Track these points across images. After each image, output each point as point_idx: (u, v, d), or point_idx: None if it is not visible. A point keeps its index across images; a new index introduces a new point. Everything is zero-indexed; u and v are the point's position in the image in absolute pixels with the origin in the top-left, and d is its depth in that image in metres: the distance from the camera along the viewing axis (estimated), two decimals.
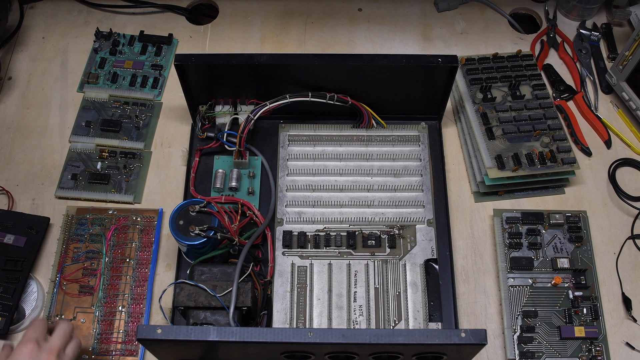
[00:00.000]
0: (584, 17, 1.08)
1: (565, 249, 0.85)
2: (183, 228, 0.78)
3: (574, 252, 0.85)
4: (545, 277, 0.83)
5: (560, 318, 0.81)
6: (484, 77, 0.96)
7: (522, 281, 0.83)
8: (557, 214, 0.87)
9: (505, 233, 0.85)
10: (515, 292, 0.82)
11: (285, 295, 0.82)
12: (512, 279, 0.83)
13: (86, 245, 0.86)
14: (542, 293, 0.82)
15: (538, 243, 0.85)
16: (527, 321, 0.80)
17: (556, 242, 0.85)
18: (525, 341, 0.79)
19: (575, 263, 0.84)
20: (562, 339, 0.79)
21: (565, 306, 0.81)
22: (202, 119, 0.92)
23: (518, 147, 0.89)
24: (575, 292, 0.82)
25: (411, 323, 0.81)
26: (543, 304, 0.82)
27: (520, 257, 0.84)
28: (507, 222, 0.86)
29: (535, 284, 0.83)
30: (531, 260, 0.84)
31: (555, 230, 0.86)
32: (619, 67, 0.96)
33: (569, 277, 0.83)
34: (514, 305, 0.81)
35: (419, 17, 1.09)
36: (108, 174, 0.92)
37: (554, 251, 0.85)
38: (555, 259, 0.84)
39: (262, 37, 1.07)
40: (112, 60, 1.03)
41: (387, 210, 0.88)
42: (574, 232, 0.86)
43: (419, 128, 0.94)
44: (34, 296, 0.82)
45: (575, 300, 0.82)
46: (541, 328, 0.80)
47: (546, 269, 0.84)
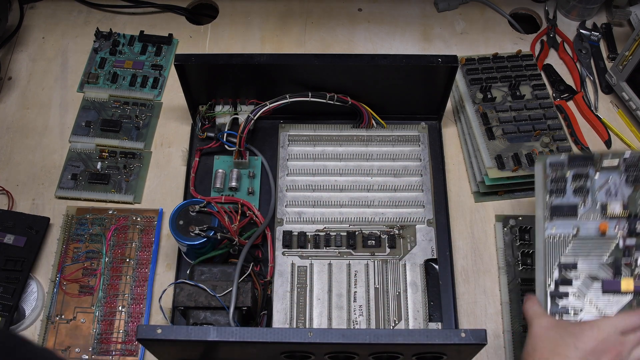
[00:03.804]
0: (584, 17, 1.08)
1: (620, 193, 0.74)
2: (183, 228, 0.78)
3: (631, 197, 0.73)
4: (591, 225, 0.73)
5: (605, 271, 0.72)
6: (484, 77, 0.96)
7: (563, 230, 0.73)
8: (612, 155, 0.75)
9: (547, 180, 0.75)
10: (553, 243, 0.73)
11: (285, 295, 0.82)
12: (551, 227, 0.73)
13: (86, 245, 0.86)
14: (586, 243, 0.73)
15: (586, 188, 0.75)
16: (564, 275, 0.72)
17: (610, 186, 0.74)
18: (559, 296, 0.71)
19: (631, 207, 0.73)
20: (604, 292, 0.71)
21: (614, 257, 0.72)
22: (202, 119, 0.92)
23: (518, 147, 0.89)
24: (627, 240, 0.72)
25: (411, 323, 0.81)
26: (586, 255, 0.72)
27: (562, 205, 0.74)
28: (550, 167, 0.76)
29: (578, 233, 0.73)
30: (575, 207, 0.74)
31: (609, 173, 0.74)
32: (619, 67, 0.96)
33: (622, 224, 0.73)
34: (551, 257, 0.72)
35: (419, 17, 1.09)
36: (108, 174, 0.92)
37: (606, 195, 0.74)
38: (606, 204, 0.73)
39: (262, 37, 1.07)
40: (112, 60, 1.03)
41: (387, 210, 0.88)
42: (633, 172, 0.74)
43: (419, 128, 0.94)
44: (34, 296, 0.82)
45: (626, 250, 0.71)
46: (581, 281, 0.72)
47: (594, 215, 0.74)
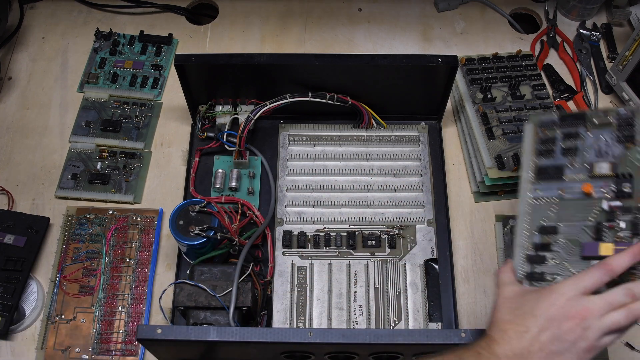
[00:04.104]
0: (584, 17, 1.08)
1: (610, 152, 0.68)
2: (183, 228, 0.78)
3: (621, 156, 0.68)
4: (578, 186, 0.68)
5: (587, 235, 0.66)
6: (484, 77, 0.96)
7: (547, 193, 0.69)
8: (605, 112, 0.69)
9: (537, 140, 0.71)
10: (536, 205, 0.69)
11: (285, 295, 0.82)
12: (536, 190, 0.69)
13: (86, 245, 0.86)
14: (570, 206, 0.68)
15: (575, 148, 0.70)
16: (544, 239, 0.67)
17: (600, 144, 0.69)
18: (538, 261, 0.66)
19: (621, 167, 0.67)
20: (583, 258, 0.65)
21: (597, 220, 0.66)
22: (202, 119, 0.92)
23: (518, 147, 0.89)
24: (612, 201, 0.66)
25: (411, 323, 0.81)
26: (569, 219, 0.67)
27: (549, 166, 0.70)
28: (541, 126, 0.71)
29: (563, 195, 0.68)
30: (562, 169, 0.69)
31: (600, 131, 0.69)
32: (619, 67, 0.96)
33: (608, 185, 0.67)
34: (532, 220, 0.68)
35: (419, 17, 1.09)
36: (108, 174, 0.92)
37: (595, 155, 0.69)
38: (594, 164, 0.68)
39: (262, 37, 1.07)
40: (112, 60, 1.03)
41: (387, 210, 0.88)
42: (625, 130, 0.68)
43: (419, 128, 0.94)
44: (34, 296, 0.82)
45: (611, 213, 0.65)
46: (561, 246, 0.67)
47: (581, 176, 0.68)
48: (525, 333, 0.58)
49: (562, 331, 0.57)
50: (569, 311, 0.58)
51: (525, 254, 0.67)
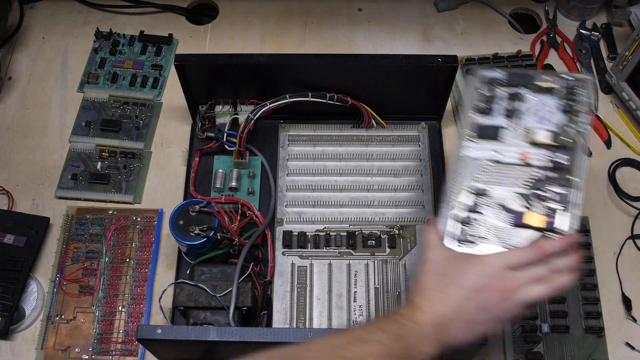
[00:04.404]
0: (584, 17, 1.08)
1: (551, 120, 0.67)
2: (183, 228, 0.78)
3: (562, 125, 0.67)
4: (513, 150, 0.66)
5: (517, 202, 0.65)
6: None
7: (482, 153, 0.66)
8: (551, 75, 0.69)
9: (477, 96, 0.68)
10: (469, 165, 0.66)
11: (285, 295, 0.82)
12: (471, 148, 0.66)
13: (86, 245, 0.86)
14: (504, 169, 0.66)
15: (516, 110, 0.68)
16: (474, 200, 0.65)
17: (541, 110, 0.68)
18: (465, 222, 0.64)
19: (560, 137, 0.66)
20: (510, 224, 0.64)
21: (529, 188, 0.65)
22: (202, 119, 0.92)
23: None
24: (547, 172, 0.65)
25: None
26: (501, 183, 0.65)
27: (487, 126, 0.67)
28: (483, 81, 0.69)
29: (498, 158, 0.66)
30: (498, 130, 0.67)
31: (544, 96, 0.68)
32: (619, 67, 0.96)
33: (545, 154, 0.66)
34: (463, 180, 0.66)
35: (419, 17, 1.09)
36: (108, 174, 0.92)
37: (535, 121, 0.67)
38: (533, 130, 0.67)
39: (262, 37, 1.07)
40: (112, 60, 1.03)
41: (387, 210, 0.88)
42: (570, 98, 0.67)
43: (419, 128, 0.94)
44: (34, 296, 0.82)
45: (543, 182, 0.64)
46: (490, 209, 0.65)
47: (519, 141, 0.67)
48: (450, 301, 0.59)
49: (485, 302, 0.59)
50: (494, 283, 0.59)
51: (454, 213, 0.65)
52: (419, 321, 0.58)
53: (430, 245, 0.64)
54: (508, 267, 0.60)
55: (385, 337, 0.56)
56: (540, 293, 0.60)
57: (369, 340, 0.56)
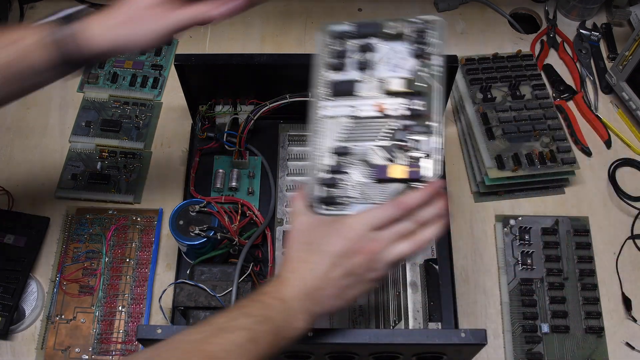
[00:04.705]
0: (584, 17, 1.08)
1: (404, 66, 0.64)
2: (183, 228, 0.78)
3: (414, 71, 0.64)
4: (370, 103, 0.64)
5: (379, 156, 0.62)
6: (484, 77, 0.96)
7: (339, 111, 0.64)
8: (403, 20, 0.67)
9: (328, 52, 0.65)
10: (329, 125, 0.64)
11: None
12: (327, 107, 0.64)
13: (86, 245, 0.86)
14: (363, 124, 0.63)
15: (368, 61, 0.65)
16: (338, 160, 0.63)
17: (393, 58, 0.65)
18: (331, 184, 0.62)
19: (414, 83, 0.63)
20: (375, 180, 0.62)
21: (389, 140, 0.62)
22: (202, 119, 0.92)
23: (518, 147, 0.89)
24: (404, 120, 0.62)
25: (411, 323, 0.81)
26: (362, 139, 0.63)
27: (341, 81, 0.65)
28: (332, 36, 0.66)
29: (356, 113, 0.64)
30: (353, 84, 0.64)
31: (394, 43, 0.66)
32: (619, 67, 0.96)
33: (400, 103, 0.63)
34: (325, 141, 0.63)
35: None
36: (108, 174, 0.92)
37: (388, 70, 0.65)
38: (387, 80, 0.64)
39: (262, 37, 1.07)
40: (112, 60, 1.03)
41: None
42: (420, 42, 0.65)
43: None
44: (34, 296, 0.82)
45: (401, 132, 0.62)
46: (354, 167, 0.62)
47: (374, 93, 0.64)
48: (316, 270, 0.57)
49: (352, 266, 0.58)
50: (359, 246, 0.58)
51: (318, 177, 0.63)
52: (287, 297, 0.56)
53: (296, 214, 0.62)
54: (372, 227, 0.58)
55: (250, 321, 0.54)
56: (406, 250, 0.59)
57: (232, 329, 0.53)
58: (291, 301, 0.56)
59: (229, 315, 0.55)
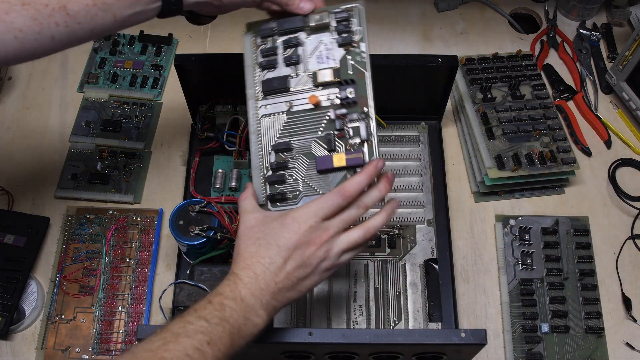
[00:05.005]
0: (584, 17, 1.08)
1: (332, 57, 0.67)
2: (183, 228, 0.78)
3: (341, 60, 0.67)
4: (304, 97, 0.66)
5: (320, 147, 0.65)
6: (484, 77, 0.96)
7: (276, 108, 0.66)
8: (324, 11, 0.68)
9: (258, 52, 0.69)
10: (267, 123, 0.66)
11: None
12: (264, 107, 0.67)
13: (86, 245, 0.86)
14: (300, 118, 0.66)
15: (297, 56, 0.68)
16: (280, 156, 0.65)
17: (321, 50, 0.67)
18: (277, 181, 0.65)
19: (342, 72, 0.66)
20: (319, 172, 0.64)
21: (328, 130, 0.65)
22: (202, 119, 0.92)
23: (518, 147, 0.89)
24: (338, 110, 0.65)
25: (411, 323, 0.81)
26: (301, 133, 0.65)
27: (273, 79, 0.67)
28: (261, 35, 0.70)
29: (292, 108, 0.66)
30: (286, 80, 0.67)
31: (320, 35, 0.68)
32: (619, 67, 0.96)
33: (333, 92, 0.66)
34: (265, 140, 0.66)
35: (419, 17, 1.09)
36: (108, 174, 0.92)
37: (317, 62, 0.67)
38: (316, 71, 0.66)
39: None
40: (112, 60, 1.03)
41: None
42: (344, 31, 0.67)
43: (419, 128, 0.94)
44: (34, 296, 0.82)
45: (338, 121, 0.65)
46: (297, 162, 0.65)
47: (306, 86, 0.66)
48: (271, 265, 0.59)
49: (305, 257, 0.59)
50: (310, 238, 0.59)
51: (263, 175, 0.65)
52: (241, 295, 0.57)
53: (246, 211, 0.63)
54: (320, 217, 0.60)
55: (206, 325, 0.54)
56: (356, 237, 0.61)
57: (189, 333, 0.53)
58: (246, 299, 0.57)
59: (185, 320, 0.55)
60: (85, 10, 0.59)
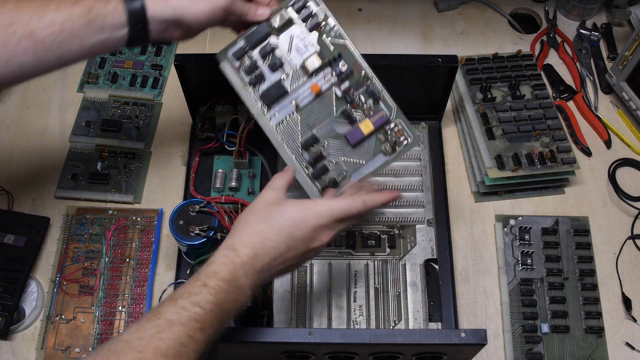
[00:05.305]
0: (584, 17, 1.08)
1: (309, 44, 0.70)
2: (183, 228, 0.78)
3: (319, 42, 0.70)
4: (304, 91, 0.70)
5: (343, 125, 0.69)
6: (484, 77, 0.96)
7: (285, 112, 0.70)
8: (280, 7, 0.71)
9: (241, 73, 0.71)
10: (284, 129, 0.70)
11: (285, 295, 0.82)
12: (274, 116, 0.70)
13: (86, 245, 0.86)
14: (311, 110, 0.69)
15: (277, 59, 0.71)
16: (312, 151, 0.69)
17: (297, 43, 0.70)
18: (320, 174, 0.69)
19: (325, 52, 0.69)
20: (354, 147, 0.69)
21: (341, 108, 0.69)
22: (202, 119, 0.92)
23: (518, 147, 0.89)
24: (341, 85, 0.69)
25: (411, 323, 0.81)
26: (318, 122, 0.69)
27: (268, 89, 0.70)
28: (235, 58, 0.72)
29: (299, 105, 0.70)
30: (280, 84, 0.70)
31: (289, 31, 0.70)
32: (619, 67, 0.96)
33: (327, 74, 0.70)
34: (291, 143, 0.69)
35: (419, 17, 1.09)
36: (108, 174, 0.92)
37: (299, 55, 0.70)
38: (304, 63, 0.70)
39: None
40: (112, 60, 1.03)
41: (387, 210, 0.88)
42: (308, 17, 0.70)
43: (419, 128, 0.94)
44: (34, 296, 0.82)
45: (346, 95, 0.69)
46: (330, 147, 0.69)
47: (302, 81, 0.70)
48: (274, 249, 0.60)
49: (306, 251, 0.62)
50: (318, 235, 0.62)
51: (307, 175, 0.68)
52: (237, 277, 0.57)
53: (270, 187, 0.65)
54: (336, 219, 0.63)
55: (201, 312, 0.54)
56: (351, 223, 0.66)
57: (183, 321, 0.53)
58: (239, 280, 0.58)
59: (179, 305, 0.54)
60: (52, 37, 0.60)
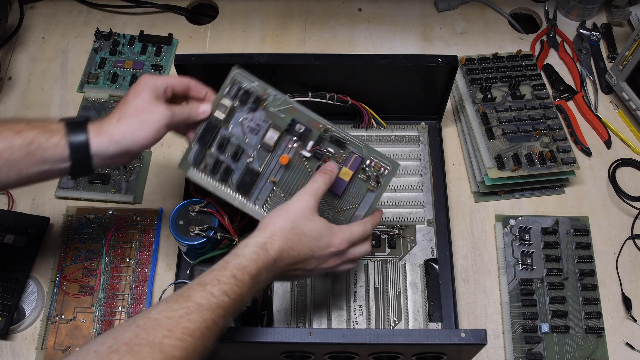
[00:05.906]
0: (584, 17, 1.08)
1: (259, 120, 0.73)
2: (183, 228, 0.78)
3: (268, 115, 0.73)
4: (274, 165, 0.73)
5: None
6: (484, 77, 0.96)
7: (265, 192, 0.73)
8: (219, 98, 0.74)
9: (205, 175, 0.74)
10: (271, 205, 0.73)
11: (285, 295, 0.82)
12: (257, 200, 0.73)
13: (86, 245, 0.86)
14: (287, 179, 0.73)
15: (237, 146, 0.74)
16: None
17: (248, 125, 0.73)
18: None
19: (278, 122, 0.73)
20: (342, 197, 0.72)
21: (315, 166, 0.72)
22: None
23: (518, 147, 0.89)
24: (306, 147, 0.72)
25: (411, 323, 0.81)
26: (298, 186, 0.72)
27: (240, 179, 0.73)
28: (194, 161, 0.74)
29: (275, 179, 0.73)
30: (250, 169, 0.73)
31: (237, 114, 0.74)
32: (619, 67, 0.96)
33: (290, 141, 0.73)
34: None
35: (419, 17, 1.09)
36: (108, 174, 0.92)
37: (254, 135, 0.73)
38: (265, 141, 0.73)
39: (262, 37, 1.07)
40: (112, 60, 1.03)
41: (387, 210, 0.88)
42: (245, 96, 0.74)
43: (419, 128, 0.94)
44: (34, 296, 0.82)
45: (316, 153, 0.72)
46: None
47: (268, 158, 0.73)
48: (295, 258, 0.65)
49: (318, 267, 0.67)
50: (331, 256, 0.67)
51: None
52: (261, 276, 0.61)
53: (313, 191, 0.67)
54: (351, 244, 0.68)
55: (228, 301, 0.57)
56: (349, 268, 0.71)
57: (212, 307, 0.56)
58: (261, 278, 0.61)
59: (209, 291, 0.57)
60: None
